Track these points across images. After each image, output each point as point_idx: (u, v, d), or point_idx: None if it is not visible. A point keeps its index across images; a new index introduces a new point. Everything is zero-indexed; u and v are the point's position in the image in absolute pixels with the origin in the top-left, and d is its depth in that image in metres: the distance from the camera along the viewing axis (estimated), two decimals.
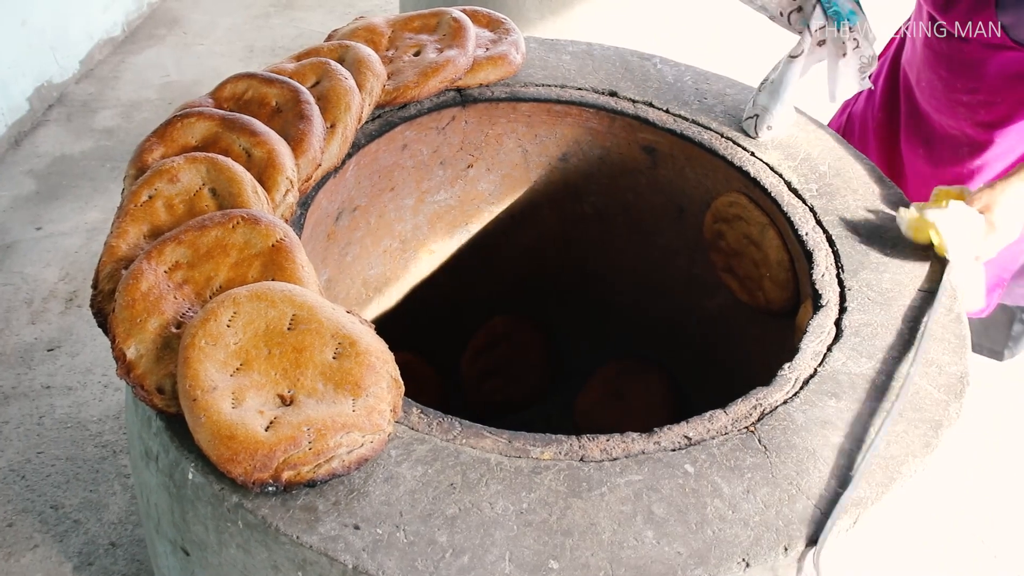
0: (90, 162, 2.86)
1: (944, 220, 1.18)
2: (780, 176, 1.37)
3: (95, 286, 1.06)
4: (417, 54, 1.53)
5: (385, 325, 1.92)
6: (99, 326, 1.03)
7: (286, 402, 0.92)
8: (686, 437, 0.97)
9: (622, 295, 1.93)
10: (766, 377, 1.62)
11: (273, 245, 1.06)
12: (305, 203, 1.30)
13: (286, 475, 0.87)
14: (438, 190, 1.73)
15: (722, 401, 1.79)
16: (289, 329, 0.97)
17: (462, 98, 1.54)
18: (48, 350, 2.22)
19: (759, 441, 0.96)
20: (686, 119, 1.49)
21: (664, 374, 1.95)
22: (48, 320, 2.30)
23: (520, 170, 1.76)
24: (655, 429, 0.98)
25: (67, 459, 1.95)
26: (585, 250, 1.91)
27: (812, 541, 0.86)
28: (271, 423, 0.89)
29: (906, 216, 1.22)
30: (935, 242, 1.20)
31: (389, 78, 1.47)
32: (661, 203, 1.70)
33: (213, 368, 0.92)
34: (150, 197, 1.13)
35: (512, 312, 2.05)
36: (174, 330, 0.99)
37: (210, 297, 1.03)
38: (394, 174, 1.61)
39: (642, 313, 1.92)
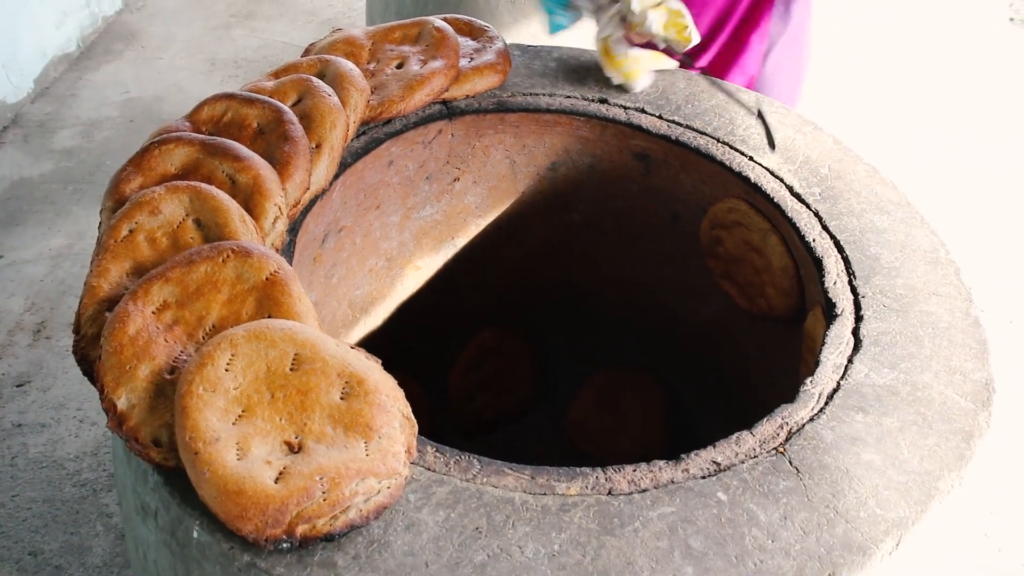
0: (51, 185, 2.75)
1: None
2: (781, 181, 1.34)
3: (77, 331, 0.99)
4: (400, 66, 1.47)
5: (371, 345, 1.86)
6: (84, 374, 0.97)
7: (294, 449, 0.87)
8: (715, 463, 0.93)
9: (613, 303, 1.90)
10: (768, 383, 1.60)
11: (267, 278, 1.00)
12: (293, 229, 1.24)
13: (301, 529, 0.81)
14: (424, 205, 1.68)
15: (722, 408, 1.77)
16: (292, 370, 0.91)
17: (448, 111, 1.49)
18: (17, 386, 2.12)
19: (790, 463, 0.93)
20: (680, 124, 1.46)
21: (657, 382, 1.92)
22: (15, 354, 2.20)
23: (507, 181, 1.71)
24: (682, 456, 0.94)
25: (44, 501, 1.86)
26: (574, 259, 1.86)
27: None
28: (280, 474, 0.83)
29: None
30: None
31: (373, 92, 1.42)
32: (654, 210, 1.66)
33: (214, 417, 0.86)
34: (131, 231, 1.07)
35: (500, 324, 2.00)
36: (167, 376, 0.92)
37: (203, 338, 0.97)
38: (380, 191, 1.55)
39: (633, 321, 1.89)
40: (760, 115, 1.31)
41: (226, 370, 0.90)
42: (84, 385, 2.08)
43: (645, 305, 1.84)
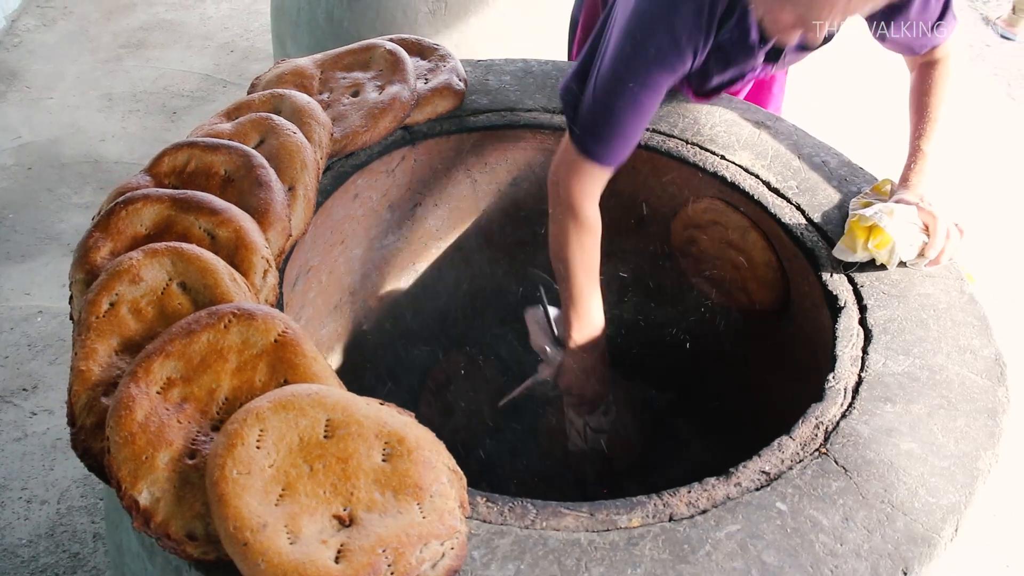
0: None
1: (892, 225, 1.13)
2: (757, 177, 1.35)
3: (72, 423, 0.90)
4: (356, 94, 1.41)
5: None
6: (90, 470, 0.88)
7: (345, 522, 0.81)
8: (764, 472, 0.92)
9: None
10: (743, 376, 1.62)
11: (276, 340, 0.94)
12: (279, 280, 1.17)
13: None
14: (386, 234, 1.62)
15: (696, 405, 1.78)
16: (326, 437, 0.85)
17: (411, 136, 1.44)
18: None
19: (835, 462, 0.93)
20: (647, 129, 1.45)
21: (623, 383, 1.92)
22: None
23: (468, 200, 1.67)
24: (731, 470, 0.93)
25: None
26: (538, 270, 1.84)
27: None
28: (340, 552, 0.78)
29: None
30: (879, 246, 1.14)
31: (333, 124, 1.35)
32: (618, 216, 1.65)
33: (255, 501, 0.80)
34: (112, 304, 0.98)
35: (465, 344, 1.96)
36: (189, 461, 0.85)
37: (218, 413, 0.90)
38: (345, 226, 1.49)
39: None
40: None
41: (257, 447, 0.83)
42: (26, 461, 1.93)
43: (613, 309, 1.84)
